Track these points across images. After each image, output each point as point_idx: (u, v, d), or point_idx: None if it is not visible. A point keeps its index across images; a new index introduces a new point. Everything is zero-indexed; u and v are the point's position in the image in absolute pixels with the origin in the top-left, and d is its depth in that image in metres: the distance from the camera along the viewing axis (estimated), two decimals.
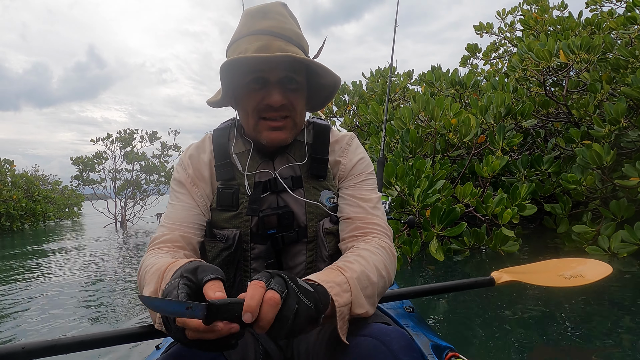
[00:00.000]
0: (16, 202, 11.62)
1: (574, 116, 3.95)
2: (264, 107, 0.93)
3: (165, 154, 13.34)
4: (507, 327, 2.12)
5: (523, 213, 3.07)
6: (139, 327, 0.90)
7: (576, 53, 3.60)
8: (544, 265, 1.46)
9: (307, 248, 0.97)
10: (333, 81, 1.00)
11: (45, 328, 2.77)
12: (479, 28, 6.24)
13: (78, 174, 12.66)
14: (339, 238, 0.99)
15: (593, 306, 2.32)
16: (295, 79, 0.94)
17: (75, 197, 16.95)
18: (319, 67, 0.94)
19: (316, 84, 1.02)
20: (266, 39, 0.91)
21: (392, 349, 0.71)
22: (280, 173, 0.98)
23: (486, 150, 3.65)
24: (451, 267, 3.45)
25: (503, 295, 2.56)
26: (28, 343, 0.81)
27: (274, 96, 0.91)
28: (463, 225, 2.87)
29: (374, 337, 0.74)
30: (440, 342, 1.08)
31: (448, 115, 3.52)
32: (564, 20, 4.98)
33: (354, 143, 1.06)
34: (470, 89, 4.59)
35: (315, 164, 1.00)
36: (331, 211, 0.99)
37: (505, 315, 2.29)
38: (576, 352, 1.80)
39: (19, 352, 0.80)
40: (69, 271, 4.84)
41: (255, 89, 0.92)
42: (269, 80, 0.91)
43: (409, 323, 1.24)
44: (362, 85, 5.84)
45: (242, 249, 0.96)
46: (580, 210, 3.68)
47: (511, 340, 1.96)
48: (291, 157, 1.00)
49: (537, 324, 2.13)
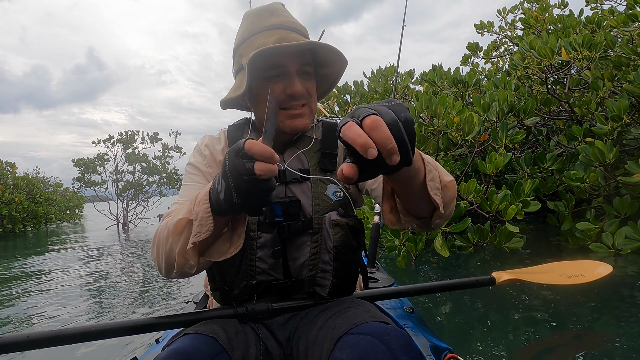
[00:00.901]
0: (18, 204, 11.64)
1: (576, 114, 3.96)
2: (286, 97, 0.98)
3: (167, 155, 13.34)
4: (507, 329, 2.11)
5: (527, 209, 3.07)
6: (140, 320, 0.92)
7: (578, 50, 3.61)
8: (545, 267, 1.47)
9: (312, 240, 1.00)
10: (336, 70, 1.07)
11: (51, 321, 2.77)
12: (479, 27, 6.26)
13: (80, 176, 12.67)
14: (357, 239, 1.01)
15: (596, 306, 2.31)
16: (308, 69, 1.00)
17: (77, 199, 16.97)
18: (327, 54, 1.01)
19: (319, 74, 1.09)
20: (281, 32, 0.97)
21: (391, 348, 0.71)
22: (289, 165, 1.03)
23: (489, 148, 3.66)
24: (453, 268, 3.46)
25: (503, 297, 2.56)
26: (32, 332, 0.83)
27: (296, 85, 0.96)
28: (468, 220, 2.87)
29: (373, 336, 0.75)
30: (439, 343, 1.10)
31: (450, 114, 3.52)
32: (565, 18, 4.99)
33: None
34: (472, 87, 4.60)
35: (324, 159, 1.05)
36: (337, 205, 1.02)
37: (505, 316, 2.28)
38: (578, 353, 1.79)
39: (24, 340, 0.82)
40: (74, 269, 4.85)
41: (277, 80, 0.97)
42: (288, 71, 0.97)
43: (408, 324, 1.26)
44: (364, 85, 5.85)
45: (249, 237, 0.98)
46: (583, 207, 3.68)
47: (511, 343, 1.95)
48: (300, 150, 1.06)
49: (538, 325, 2.12)
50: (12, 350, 0.81)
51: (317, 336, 0.87)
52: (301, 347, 0.92)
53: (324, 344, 0.83)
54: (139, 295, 3.48)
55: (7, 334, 0.83)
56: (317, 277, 1.00)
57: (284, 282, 1.00)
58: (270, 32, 0.98)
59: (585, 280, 1.25)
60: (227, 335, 0.86)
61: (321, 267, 0.99)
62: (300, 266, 1.00)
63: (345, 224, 0.99)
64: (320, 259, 0.99)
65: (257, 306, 0.97)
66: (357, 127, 0.50)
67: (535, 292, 2.53)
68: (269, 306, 0.97)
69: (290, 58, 0.96)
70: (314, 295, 1.02)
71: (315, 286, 1.01)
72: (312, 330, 0.91)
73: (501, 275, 1.27)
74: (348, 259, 0.99)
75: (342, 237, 0.98)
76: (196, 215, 0.77)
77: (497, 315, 2.31)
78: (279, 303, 0.99)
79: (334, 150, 1.07)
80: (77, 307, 3.15)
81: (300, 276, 1.01)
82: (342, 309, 0.91)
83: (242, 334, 0.91)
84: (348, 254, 0.99)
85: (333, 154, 1.06)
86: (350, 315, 0.86)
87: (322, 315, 0.93)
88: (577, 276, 1.28)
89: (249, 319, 0.97)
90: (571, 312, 2.26)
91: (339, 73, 1.08)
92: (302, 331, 0.95)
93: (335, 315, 0.90)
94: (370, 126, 0.50)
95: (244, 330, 0.93)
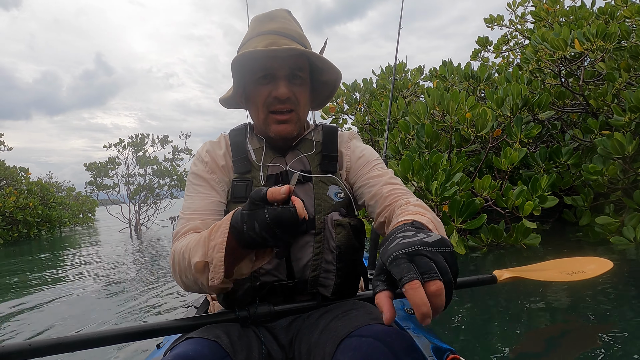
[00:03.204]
0: (32, 209, 11.81)
1: (591, 106, 3.89)
2: (272, 100, 1.01)
3: (177, 157, 13.44)
4: (508, 329, 2.08)
5: (544, 205, 3.02)
6: (142, 326, 0.91)
7: (592, 41, 3.54)
8: (546, 264, 1.46)
9: (315, 240, 1.01)
10: (334, 77, 1.09)
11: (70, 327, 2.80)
12: (489, 21, 6.19)
13: (92, 180, 12.81)
14: (359, 239, 1.03)
15: (601, 306, 2.25)
16: (299, 75, 1.03)
17: (89, 202, 17.17)
18: (321, 60, 1.03)
19: (318, 81, 1.11)
20: (272, 38, 1.01)
21: (393, 350, 0.71)
22: (291, 167, 1.06)
23: (503, 144, 3.61)
24: (467, 267, 3.42)
25: (505, 297, 2.52)
26: (35, 340, 0.83)
27: (281, 89, 0.99)
28: (484, 217, 2.83)
29: (376, 338, 0.74)
30: (440, 344, 1.09)
31: (463, 109, 3.48)
32: (577, 10, 4.91)
33: (355, 138, 1.16)
34: (484, 82, 4.54)
35: (325, 161, 1.09)
36: (339, 206, 1.05)
37: (506, 316, 2.25)
38: (583, 353, 1.74)
39: (26, 349, 0.82)
40: (88, 274, 4.90)
41: (264, 83, 1.01)
42: (276, 75, 1.00)
43: (409, 325, 1.25)
44: (373, 82, 5.82)
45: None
46: (600, 202, 3.62)
47: (513, 342, 1.92)
48: (301, 153, 1.08)
49: (540, 325, 2.08)
50: (14, 359, 0.81)
51: (319, 339, 0.87)
52: (303, 350, 0.92)
53: (326, 346, 0.82)
54: (146, 300, 3.50)
55: (10, 342, 0.84)
56: (320, 277, 1.01)
57: (288, 283, 1.01)
58: (264, 37, 1.01)
59: (586, 277, 1.24)
60: (230, 339, 0.86)
61: (324, 267, 1.00)
62: (304, 266, 1.01)
63: (347, 223, 1.00)
64: (323, 259, 1.01)
65: (259, 309, 0.97)
66: (423, 291, 0.54)
67: (538, 292, 2.49)
68: (271, 309, 0.97)
69: (279, 62, 0.99)
70: (316, 297, 1.02)
71: (319, 286, 1.01)
72: (314, 333, 0.91)
73: (502, 273, 1.27)
74: (351, 258, 1.01)
75: (344, 236, 1.00)
76: (211, 259, 0.79)
77: (498, 315, 2.28)
78: (281, 306, 0.99)
79: (334, 152, 1.10)
80: (87, 313, 3.18)
81: (303, 276, 1.01)
82: (344, 312, 0.91)
83: (244, 338, 0.91)
84: (351, 253, 1.01)
85: (333, 156, 1.10)
86: (352, 318, 0.86)
87: (324, 317, 0.93)
88: (578, 273, 1.27)
89: (251, 323, 0.97)
90: (575, 312, 2.21)
91: (336, 80, 1.11)
92: (304, 334, 0.95)
93: (337, 318, 0.89)
94: (434, 293, 0.54)
95: (246, 334, 0.93)
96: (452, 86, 4.70)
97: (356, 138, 1.16)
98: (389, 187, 1.02)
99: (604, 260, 1.29)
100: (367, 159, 1.10)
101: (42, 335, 2.71)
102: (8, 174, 12.20)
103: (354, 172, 1.10)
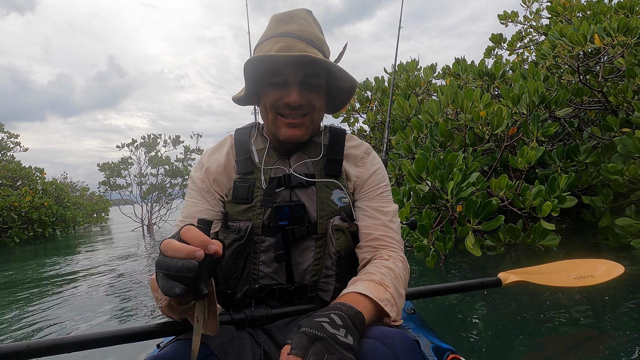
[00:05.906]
0: (47, 208, 11.99)
1: (610, 103, 3.77)
2: (282, 105, 0.99)
3: (189, 157, 13.53)
4: (509, 329, 2.04)
5: (563, 205, 2.93)
6: (140, 327, 0.92)
7: (613, 36, 3.43)
8: (553, 266, 1.40)
9: (316, 245, 1.01)
10: (350, 84, 1.06)
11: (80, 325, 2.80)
12: (503, 17, 6.06)
13: (105, 180, 12.96)
14: (357, 244, 1.03)
15: (605, 307, 2.18)
16: (314, 81, 0.99)
17: (103, 202, 17.39)
18: (336, 69, 0.99)
19: (335, 87, 1.08)
20: (288, 41, 0.97)
21: (394, 350, 0.71)
22: (295, 170, 1.04)
23: (519, 142, 3.51)
24: (483, 268, 3.34)
25: (506, 297, 2.47)
26: (32, 342, 0.83)
27: (292, 96, 0.96)
28: (501, 218, 2.75)
29: (377, 339, 0.74)
30: (441, 344, 1.09)
31: (477, 107, 3.40)
32: (594, 5, 4.77)
33: (372, 154, 1.13)
34: (499, 79, 4.45)
35: (330, 164, 1.06)
36: (341, 211, 1.03)
37: (508, 317, 2.20)
38: (585, 355, 1.70)
39: (23, 350, 0.82)
40: (100, 273, 4.94)
41: (276, 87, 0.98)
42: (289, 80, 0.97)
43: (410, 325, 1.24)
44: (384, 80, 5.75)
45: (253, 241, 0.99)
46: (620, 203, 3.50)
47: (513, 343, 1.89)
48: (306, 156, 1.06)
49: (541, 325, 2.03)
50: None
51: None
52: None
53: None
54: (150, 299, 3.50)
55: (7, 344, 0.84)
56: (320, 282, 1.01)
57: (287, 287, 1.01)
58: (279, 39, 0.99)
59: (596, 282, 1.20)
60: (221, 340, 0.86)
61: (324, 273, 1.01)
62: (304, 271, 1.01)
63: (345, 228, 1.01)
64: (323, 264, 1.01)
65: (256, 312, 0.98)
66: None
67: (540, 293, 2.43)
68: (268, 312, 0.98)
69: (292, 68, 0.96)
70: (315, 300, 1.03)
71: (319, 291, 1.02)
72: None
73: (508, 276, 1.23)
74: (350, 263, 1.02)
75: (343, 242, 1.00)
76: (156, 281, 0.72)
77: (499, 315, 2.24)
78: (279, 308, 1.00)
79: (339, 156, 1.08)
80: (97, 313, 3.19)
81: (303, 281, 1.01)
82: None
83: (237, 340, 0.91)
84: (350, 258, 1.01)
85: (339, 160, 1.07)
86: None
87: None
88: (587, 277, 1.23)
89: (247, 325, 0.98)
90: (578, 313, 2.15)
91: (352, 87, 1.08)
92: None
93: None
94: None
95: (240, 336, 0.93)
96: (466, 84, 4.61)
97: (373, 154, 1.13)
98: (383, 230, 1.01)
99: (614, 263, 1.25)
100: (376, 181, 1.08)
101: (47, 336, 2.72)
102: (24, 174, 12.42)
103: (360, 188, 1.08)
